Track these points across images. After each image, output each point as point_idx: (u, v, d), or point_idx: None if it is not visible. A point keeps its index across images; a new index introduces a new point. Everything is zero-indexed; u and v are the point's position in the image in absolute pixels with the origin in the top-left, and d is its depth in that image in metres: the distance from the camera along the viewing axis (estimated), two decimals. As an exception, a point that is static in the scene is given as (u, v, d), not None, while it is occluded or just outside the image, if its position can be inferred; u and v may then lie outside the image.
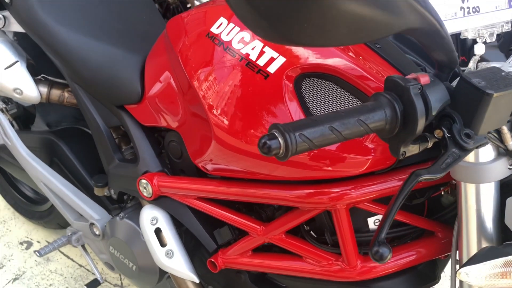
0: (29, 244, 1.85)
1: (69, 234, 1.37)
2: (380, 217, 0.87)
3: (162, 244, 1.10)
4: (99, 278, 1.36)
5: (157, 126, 1.12)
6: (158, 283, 1.20)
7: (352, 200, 0.78)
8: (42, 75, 1.36)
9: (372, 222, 0.87)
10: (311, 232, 0.93)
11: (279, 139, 0.50)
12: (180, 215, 1.10)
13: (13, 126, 1.62)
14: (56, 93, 1.36)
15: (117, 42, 1.20)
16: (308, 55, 0.75)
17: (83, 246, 1.41)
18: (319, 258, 0.88)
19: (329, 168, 0.77)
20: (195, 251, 1.14)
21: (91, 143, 1.42)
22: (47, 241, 1.86)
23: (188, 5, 2.62)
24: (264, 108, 0.77)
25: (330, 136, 0.51)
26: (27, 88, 1.29)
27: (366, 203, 0.81)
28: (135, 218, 1.20)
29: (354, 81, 0.74)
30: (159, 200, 1.11)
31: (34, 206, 1.81)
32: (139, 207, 1.24)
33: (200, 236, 1.09)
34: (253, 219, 0.96)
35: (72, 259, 1.80)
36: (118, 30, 1.24)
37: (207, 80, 0.83)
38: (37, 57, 1.36)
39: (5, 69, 1.28)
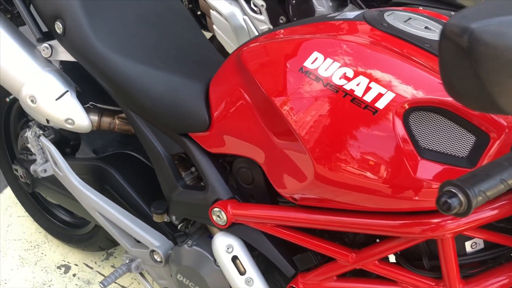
0: (67, 268, 1.83)
1: (127, 261, 1.36)
2: (477, 240, 0.88)
3: (240, 272, 1.10)
4: (161, 304, 1.35)
5: (226, 154, 1.12)
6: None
7: (460, 228, 0.80)
8: (90, 103, 1.33)
9: (469, 246, 0.88)
10: (403, 256, 0.94)
11: (460, 196, 0.50)
12: (256, 242, 1.10)
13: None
14: (106, 120, 1.34)
15: (175, 69, 1.19)
16: (417, 90, 0.75)
17: (140, 273, 1.40)
18: (418, 283, 0.89)
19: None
20: (267, 275, 1.14)
21: (141, 168, 1.42)
22: (84, 264, 1.84)
23: (198, 12, 2.61)
24: (372, 143, 0.77)
25: (500, 187, 0.52)
26: (78, 118, 1.27)
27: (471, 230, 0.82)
28: (205, 245, 1.19)
29: (464, 114, 0.75)
30: (232, 227, 1.11)
31: (72, 230, 1.79)
32: (205, 233, 1.23)
33: (277, 261, 1.09)
34: (341, 246, 0.97)
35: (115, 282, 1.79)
36: (173, 56, 1.23)
37: (305, 117, 0.83)
38: (84, 85, 1.33)
39: (56, 100, 1.26)
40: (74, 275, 1.80)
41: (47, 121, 1.29)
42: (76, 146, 1.64)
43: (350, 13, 0.94)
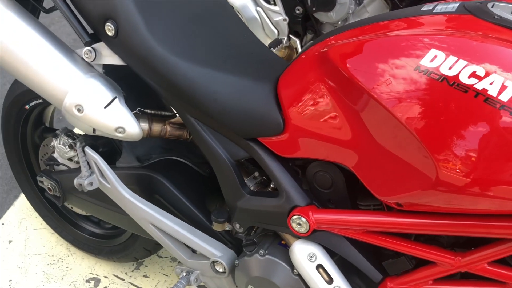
0: (97, 281, 1.74)
1: (185, 274, 1.29)
2: None
3: (327, 281, 1.05)
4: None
5: (303, 158, 1.06)
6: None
7: None
8: (138, 108, 1.25)
9: None
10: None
11: None
12: (339, 248, 1.06)
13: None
14: (157, 127, 1.25)
15: (238, 69, 1.12)
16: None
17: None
18: (532, 284, 0.87)
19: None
20: (348, 281, 1.10)
21: (190, 174, 1.34)
22: (114, 275, 1.75)
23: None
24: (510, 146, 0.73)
25: None
26: (129, 126, 1.18)
27: None
28: (279, 254, 1.14)
29: None
30: (312, 235, 1.06)
31: (103, 242, 1.69)
32: (275, 240, 1.18)
33: (363, 267, 1.05)
34: (443, 249, 0.94)
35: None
36: (233, 56, 1.16)
37: (428, 120, 0.78)
38: (127, 90, 1.24)
39: (105, 107, 1.16)
40: (105, 288, 1.72)
41: (94, 130, 1.20)
42: (105, 153, 1.54)
43: (445, 6, 0.90)
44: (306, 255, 1.07)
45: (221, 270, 1.24)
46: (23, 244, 1.84)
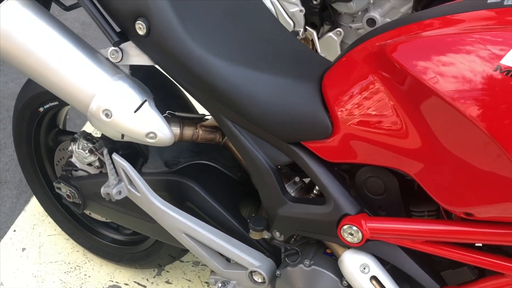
0: (117, 289, 1.67)
1: (220, 285, 1.22)
2: None
3: (382, 292, 0.99)
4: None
5: (352, 163, 0.99)
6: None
7: None
8: (168, 111, 1.17)
9: None
10: None
11: None
12: (393, 258, 0.99)
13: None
14: (189, 130, 1.18)
15: (278, 69, 1.04)
16: None
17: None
18: None
19: None
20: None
21: (222, 179, 1.27)
22: (135, 282, 1.68)
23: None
24: None
25: None
26: (161, 131, 1.10)
27: None
28: (325, 264, 1.08)
29: None
30: (363, 244, 0.99)
31: (124, 249, 1.61)
32: (319, 249, 1.11)
33: (419, 277, 0.99)
34: (512, 259, 0.88)
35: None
36: (271, 54, 1.08)
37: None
38: (155, 91, 1.16)
39: (135, 112, 1.09)
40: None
41: (122, 136, 1.12)
42: (126, 156, 1.47)
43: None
44: (358, 266, 1.00)
45: (260, 280, 1.17)
46: (37, 251, 1.76)
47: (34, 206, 1.90)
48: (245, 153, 1.08)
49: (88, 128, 2.25)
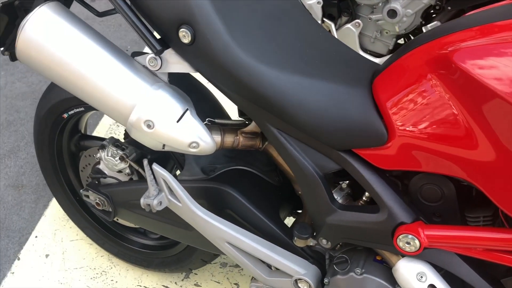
0: (146, 293, 1.65)
1: (264, 293, 1.20)
2: None
3: (441, 301, 0.97)
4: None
5: (407, 170, 0.97)
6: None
7: None
8: (208, 119, 1.13)
9: None
10: None
11: None
12: (451, 266, 0.98)
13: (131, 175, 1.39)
14: (230, 138, 1.14)
15: (325, 74, 1.01)
16: None
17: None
18: None
19: None
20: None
21: (260, 184, 1.24)
22: (164, 286, 1.66)
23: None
24: None
25: None
26: (203, 140, 1.07)
27: None
28: (377, 273, 1.06)
29: None
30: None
31: (154, 254, 1.59)
32: (369, 257, 1.09)
33: (478, 285, 0.97)
34: None
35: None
36: (317, 59, 1.05)
37: None
38: (190, 96, 1.13)
39: (178, 122, 1.05)
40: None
41: (163, 146, 1.08)
42: (155, 160, 1.43)
43: None
44: (415, 275, 0.98)
45: (304, 287, 1.16)
46: (61, 257, 1.73)
47: (54, 211, 1.87)
48: (292, 161, 1.05)
49: (100, 129, 2.21)
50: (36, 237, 1.79)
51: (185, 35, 0.97)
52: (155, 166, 1.13)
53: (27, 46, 1.05)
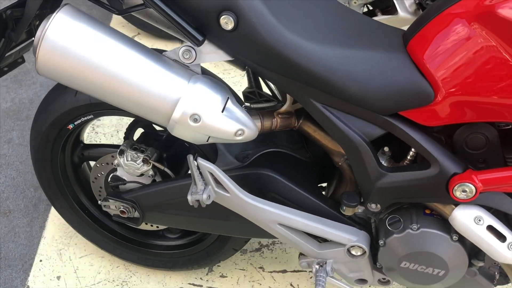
0: (174, 294, 1.61)
1: (318, 267, 1.22)
2: None
3: (500, 239, 1.05)
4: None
5: (454, 123, 1.02)
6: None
7: None
8: (244, 104, 1.12)
9: None
10: None
11: None
12: (502, 205, 1.05)
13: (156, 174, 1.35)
14: (268, 121, 1.14)
15: (362, 43, 1.04)
16: None
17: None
18: None
19: None
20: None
21: (294, 163, 1.27)
22: (190, 284, 1.64)
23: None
24: None
25: None
26: (248, 126, 1.06)
27: None
28: (432, 225, 1.12)
29: None
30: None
31: (178, 253, 1.55)
32: (418, 212, 1.14)
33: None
34: None
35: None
36: (350, 30, 1.06)
37: None
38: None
39: (222, 111, 1.03)
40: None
41: (208, 138, 1.06)
42: (171, 157, 1.40)
43: None
44: (473, 220, 1.05)
45: (359, 253, 1.19)
46: (74, 276, 1.65)
47: (52, 231, 1.77)
48: (338, 132, 1.07)
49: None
50: (40, 261, 1.69)
51: (227, 22, 0.95)
52: (201, 161, 1.10)
53: (51, 55, 0.99)
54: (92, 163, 1.57)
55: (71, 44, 0.98)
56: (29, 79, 2.38)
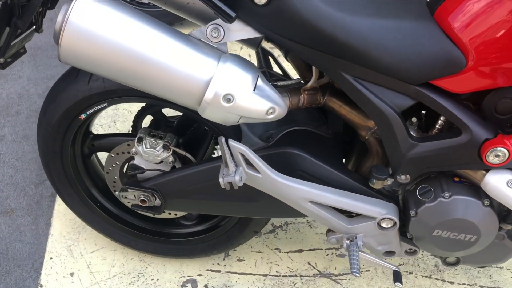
0: (193, 282, 1.59)
1: (349, 242, 1.22)
2: None
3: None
4: (396, 268, 1.26)
5: (484, 89, 1.03)
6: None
7: None
8: (271, 82, 1.10)
9: None
10: None
11: None
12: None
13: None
14: (295, 98, 1.13)
15: (392, 13, 1.03)
16: None
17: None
18: None
19: None
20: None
21: (318, 140, 1.26)
22: (208, 270, 1.62)
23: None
24: None
25: None
26: (278, 104, 1.04)
27: None
28: (464, 192, 1.13)
29: None
30: (503, 163, 1.06)
31: (196, 240, 1.53)
32: (447, 181, 1.16)
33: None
34: None
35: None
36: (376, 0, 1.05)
37: None
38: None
39: (254, 90, 1.01)
40: (205, 286, 1.58)
41: (238, 119, 1.04)
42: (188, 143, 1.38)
43: None
44: (505, 183, 1.07)
45: (389, 225, 1.20)
46: (88, 272, 1.61)
47: (59, 227, 1.71)
48: (370, 105, 1.07)
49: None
50: (51, 258, 1.64)
51: (260, -4, 0.93)
52: (232, 142, 1.08)
53: (76, 40, 0.94)
54: (100, 154, 1.54)
55: (96, 27, 0.94)
56: (15, 73, 2.29)
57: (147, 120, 1.48)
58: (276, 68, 1.48)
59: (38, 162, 1.89)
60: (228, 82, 0.99)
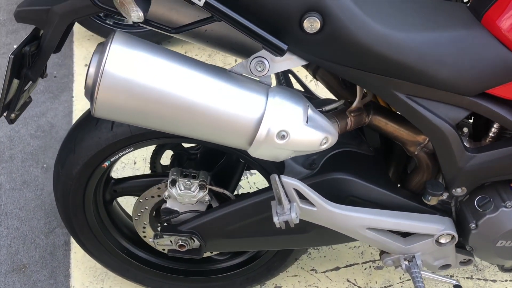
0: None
1: (407, 263, 1.17)
2: None
3: None
4: (456, 283, 1.21)
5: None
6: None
7: None
8: (318, 109, 1.03)
9: None
10: None
11: None
12: None
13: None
14: (343, 121, 1.07)
15: (440, 25, 0.97)
16: None
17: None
18: None
19: None
20: None
21: (362, 160, 1.20)
22: None
23: None
24: None
25: None
26: (330, 132, 0.98)
27: None
28: (525, 199, 1.09)
29: None
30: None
31: (235, 274, 1.44)
32: (504, 189, 1.11)
33: None
34: None
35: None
36: (422, 12, 1.00)
37: None
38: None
39: (307, 123, 0.94)
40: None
41: (291, 154, 0.97)
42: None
43: None
44: None
45: (447, 240, 1.15)
46: (119, 322, 1.51)
47: (80, 277, 1.60)
48: (424, 120, 1.01)
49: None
50: (77, 311, 1.53)
51: (312, 24, 0.86)
52: (285, 178, 1.01)
53: (114, 92, 0.85)
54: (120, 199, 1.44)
55: (135, 76, 0.85)
56: (0, 115, 2.14)
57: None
58: (295, 83, 1.41)
59: (44, 209, 1.77)
60: (281, 118, 0.91)
